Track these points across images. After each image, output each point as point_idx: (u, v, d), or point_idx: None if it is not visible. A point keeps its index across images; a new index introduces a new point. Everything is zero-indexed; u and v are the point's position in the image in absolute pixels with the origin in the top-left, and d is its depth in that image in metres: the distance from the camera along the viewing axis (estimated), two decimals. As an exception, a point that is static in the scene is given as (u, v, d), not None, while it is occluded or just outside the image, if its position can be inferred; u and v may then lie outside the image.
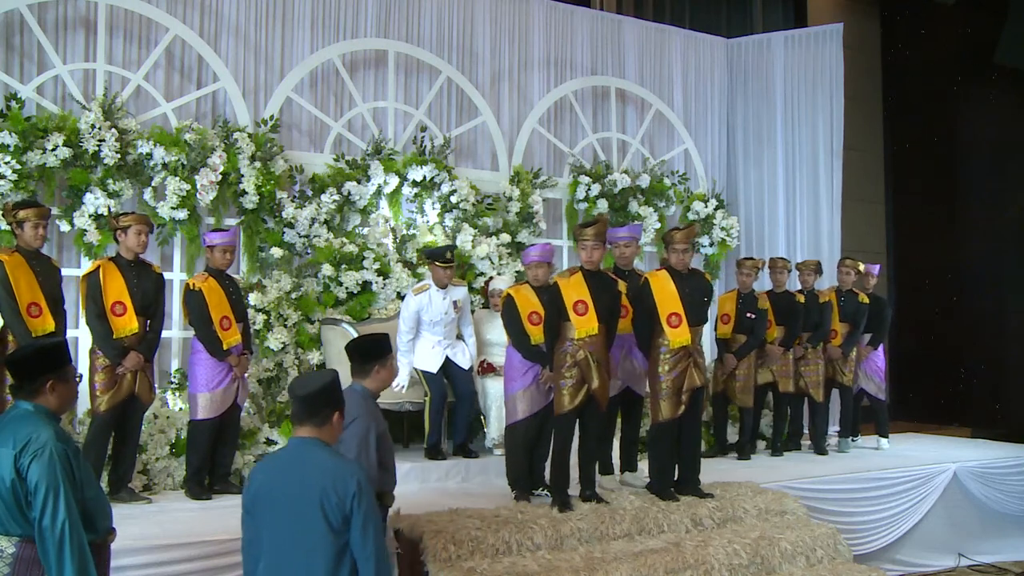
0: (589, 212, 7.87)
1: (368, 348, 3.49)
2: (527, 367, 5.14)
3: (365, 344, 3.52)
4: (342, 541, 2.66)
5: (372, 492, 2.74)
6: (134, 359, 4.99)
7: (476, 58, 7.95)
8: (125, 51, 6.52)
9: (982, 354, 9.29)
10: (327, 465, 2.71)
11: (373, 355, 3.46)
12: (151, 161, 6.03)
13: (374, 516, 2.70)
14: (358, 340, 3.60)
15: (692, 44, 9.10)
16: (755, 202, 9.04)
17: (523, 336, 5.15)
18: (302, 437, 2.78)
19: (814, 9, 10.07)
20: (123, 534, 4.12)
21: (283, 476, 2.74)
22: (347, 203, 6.77)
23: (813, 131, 8.82)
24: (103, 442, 4.98)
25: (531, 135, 8.00)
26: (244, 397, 5.47)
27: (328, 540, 2.64)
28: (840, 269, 7.53)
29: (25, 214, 4.81)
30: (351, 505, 2.64)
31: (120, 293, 4.96)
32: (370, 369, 3.45)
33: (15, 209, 4.84)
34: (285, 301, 6.18)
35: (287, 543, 2.69)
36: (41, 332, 4.75)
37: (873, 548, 6.03)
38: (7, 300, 4.68)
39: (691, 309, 5.23)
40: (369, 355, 3.46)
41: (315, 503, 2.64)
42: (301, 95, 7.02)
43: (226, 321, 5.26)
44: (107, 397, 4.94)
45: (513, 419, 5.18)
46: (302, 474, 2.70)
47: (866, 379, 7.57)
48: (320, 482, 2.66)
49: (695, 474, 5.41)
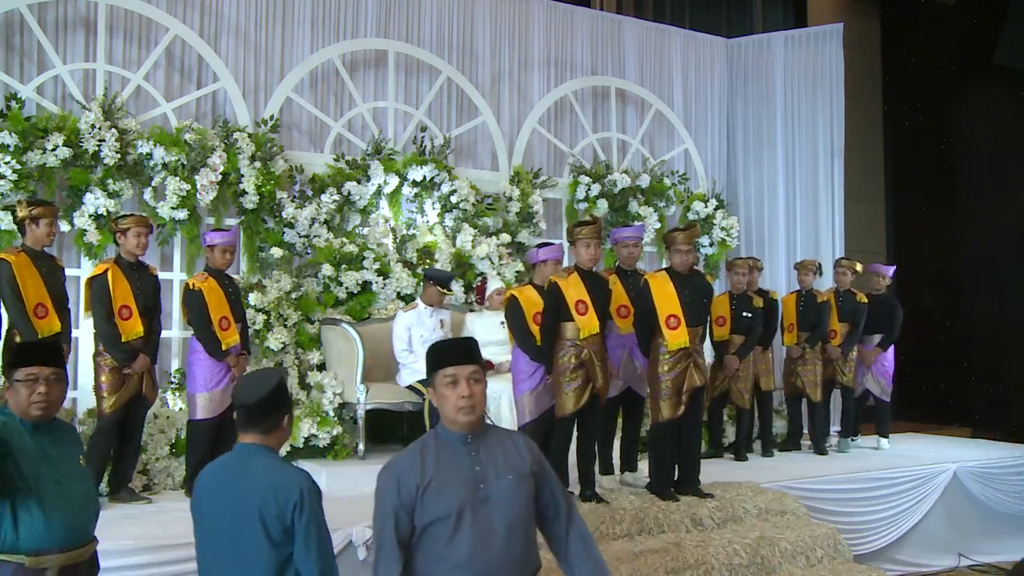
0: (589, 212, 7.86)
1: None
2: (534, 368, 5.11)
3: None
4: (284, 553, 2.51)
5: (317, 501, 2.56)
6: (143, 361, 5.00)
7: (476, 58, 7.95)
8: (125, 51, 6.52)
9: (982, 354, 9.29)
10: (269, 473, 2.56)
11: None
12: (151, 161, 6.02)
13: (317, 527, 2.53)
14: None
15: (692, 44, 9.10)
16: (755, 202, 9.04)
17: (529, 337, 5.13)
18: (247, 443, 2.63)
19: (814, 9, 10.07)
20: (123, 534, 4.14)
21: (224, 484, 2.61)
22: (347, 203, 6.77)
23: (813, 131, 8.83)
24: (108, 444, 4.97)
25: (531, 135, 7.99)
26: (243, 397, 5.45)
27: (266, 552, 2.49)
28: (836, 269, 7.54)
29: (41, 211, 4.82)
30: (292, 516, 2.49)
31: (126, 296, 4.96)
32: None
33: (30, 206, 4.84)
34: (285, 301, 6.18)
35: (224, 554, 2.55)
36: (47, 332, 4.75)
37: (873, 548, 6.03)
38: (14, 300, 4.68)
39: (691, 310, 5.23)
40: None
41: (254, 513, 2.49)
42: (301, 95, 7.02)
43: (225, 321, 5.25)
44: (113, 399, 4.93)
45: (524, 421, 5.15)
46: (243, 482, 2.56)
47: (873, 380, 7.56)
48: (260, 491, 2.51)
49: (695, 474, 5.41)
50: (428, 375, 2.62)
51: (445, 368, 2.55)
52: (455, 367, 2.54)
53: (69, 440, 2.83)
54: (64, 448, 2.76)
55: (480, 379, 2.57)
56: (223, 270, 5.41)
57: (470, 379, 2.54)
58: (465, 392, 2.51)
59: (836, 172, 8.78)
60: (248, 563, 2.51)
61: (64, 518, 2.62)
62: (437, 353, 2.61)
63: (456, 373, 2.53)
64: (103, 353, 4.96)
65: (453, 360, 2.56)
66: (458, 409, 2.53)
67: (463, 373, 2.54)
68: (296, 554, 2.52)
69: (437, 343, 2.65)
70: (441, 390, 2.56)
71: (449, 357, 2.57)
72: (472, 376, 2.55)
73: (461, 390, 2.52)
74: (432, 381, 2.60)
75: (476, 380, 2.55)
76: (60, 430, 2.80)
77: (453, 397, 2.52)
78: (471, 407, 2.53)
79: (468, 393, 2.52)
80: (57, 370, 2.74)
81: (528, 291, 5.29)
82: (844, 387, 7.45)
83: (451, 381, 2.53)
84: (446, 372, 2.54)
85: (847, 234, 8.85)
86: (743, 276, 7.01)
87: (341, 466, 5.65)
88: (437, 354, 2.60)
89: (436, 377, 2.57)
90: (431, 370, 2.60)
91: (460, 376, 2.53)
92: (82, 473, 2.81)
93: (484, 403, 2.61)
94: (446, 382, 2.54)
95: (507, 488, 2.54)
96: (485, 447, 2.59)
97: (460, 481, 2.51)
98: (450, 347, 2.64)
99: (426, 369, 2.65)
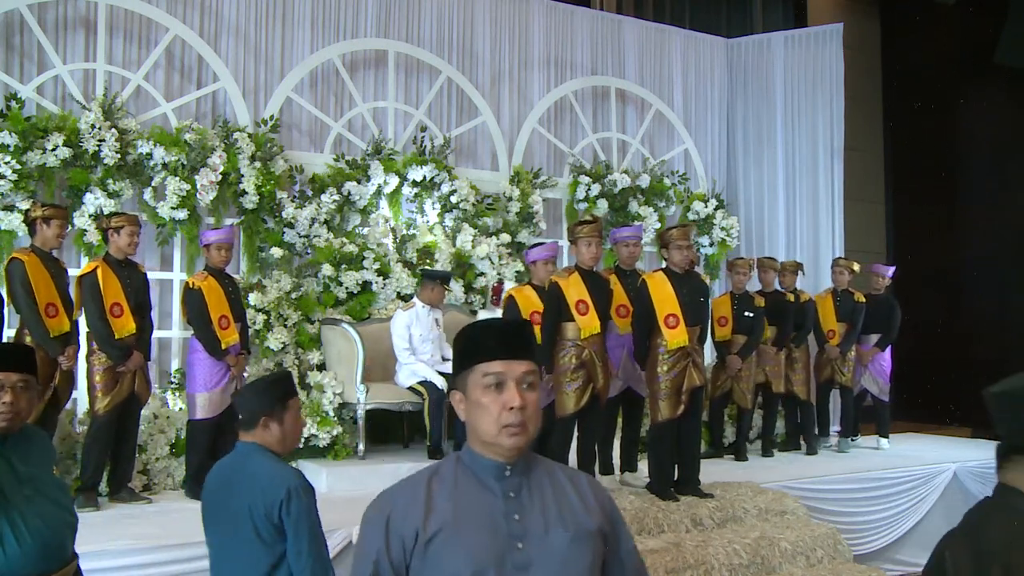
0: (589, 212, 7.87)
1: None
2: None
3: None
4: (277, 552, 2.50)
5: (306, 498, 2.52)
6: (137, 359, 5.00)
7: (476, 58, 7.95)
8: (125, 51, 6.52)
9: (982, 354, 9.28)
10: (260, 472, 2.56)
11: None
12: (151, 161, 6.03)
13: (308, 524, 2.50)
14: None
15: (692, 44, 9.10)
16: (755, 202, 9.04)
17: None
18: (244, 442, 2.67)
19: (814, 9, 10.07)
20: (123, 534, 4.15)
21: (223, 484, 2.64)
22: (347, 203, 6.77)
23: (813, 131, 8.83)
24: (105, 443, 4.96)
25: (531, 135, 7.99)
26: (243, 397, 5.46)
27: (259, 551, 2.50)
28: (834, 269, 7.54)
29: (53, 212, 4.88)
30: (279, 514, 2.48)
31: (117, 294, 4.96)
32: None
33: (44, 207, 4.89)
34: (285, 301, 6.18)
35: (224, 553, 2.61)
36: (58, 332, 4.79)
37: (873, 548, 6.03)
38: (26, 299, 4.70)
39: (689, 309, 5.23)
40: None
41: (246, 512, 2.50)
42: (301, 95, 7.02)
43: (224, 320, 5.25)
44: (108, 398, 4.93)
45: None
46: (238, 482, 2.58)
47: (871, 380, 7.56)
48: (251, 490, 2.53)
49: (695, 474, 5.41)
50: (456, 371, 1.75)
51: (488, 362, 1.67)
52: (504, 362, 1.66)
53: (40, 449, 2.54)
54: (35, 459, 2.48)
55: (536, 384, 1.70)
56: (222, 269, 5.41)
57: (522, 383, 1.67)
58: (517, 402, 1.64)
59: (836, 172, 8.78)
60: (245, 562, 2.52)
61: (39, 538, 2.33)
62: (476, 338, 1.71)
63: (504, 372, 1.66)
64: (96, 352, 4.96)
65: (501, 352, 1.68)
66: (503, 427, 1.65)
67: (514, 373, 1.66)
68: (288, 553, 2.51)
69: (477, 324, 1.76)
70: (477, 395, 1.67)
71: (494, 347, 1.68)
72: (526, 378, 1.67)
73: (510, 397, 1.65)
74: (463, 381, 1.72)
75: (531, 386, 1.68)
76: (29, 439, 2.50)
77: (496, 408, 1.65)
78: (522, 426, 1.65)
79: (520, 403, 1.64)
80: (26, 377, 2.45)
81: (527, 291, 5.32)
82: (843, 387, 7.45)
83: (495, 383, 1.66)
84: (489, 369, 1.66)
85: (847, 234, 8.85)
86: (744, 276, 7.01)
87: (341, 466, 5.65)
88: (475, 340, 1.71)
89: (471, 376, 1.69)
90: (464, 364, 1.71)
91: (509, 376, 1.66)
92: (56, 484, 2.53)
93: (539, 421, 1.71)
94: (486, 384, 1.66)
95: (559, 550, 1.65)
96: (530, 487, 1.71)
97: (486, 533, 1.63)
98: (497, 332, 1.71)
99: (454, 362, 1.77)
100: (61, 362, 4.78)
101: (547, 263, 5.35)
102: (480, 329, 1.73)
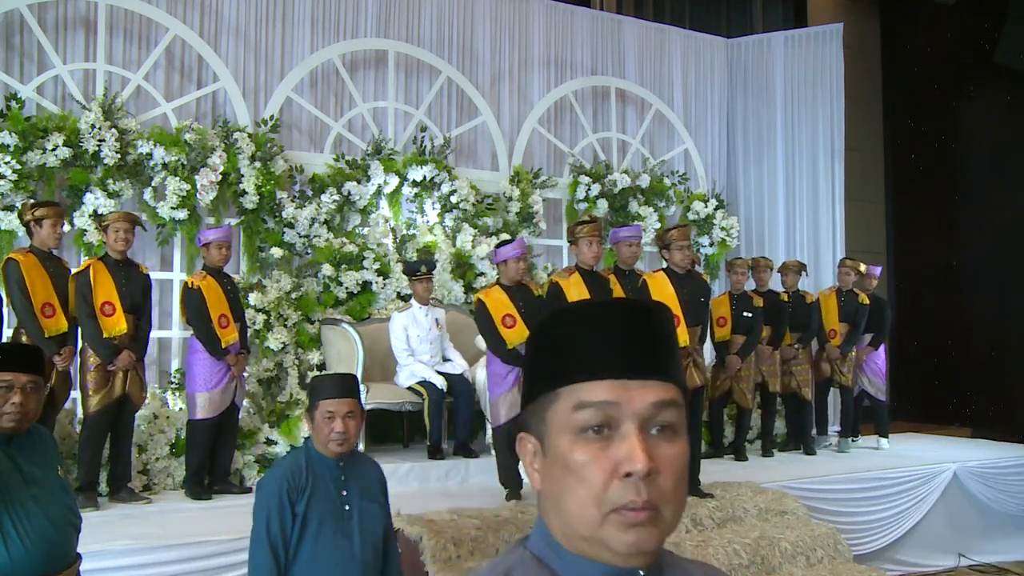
0: (589, 212, 7.87)
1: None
2: (508, 370, 5.07)
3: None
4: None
5: (261, 492, 2.68)
6: (126, 358, 4.95)
7: (476, 58, 7.95)
8: (125, 51, 6.52)
9: (982, 354, 9.29)
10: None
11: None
12: (151, 161, 6.03)
13: (255, 518, 2.66)
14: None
15: (692, 44, 9.10)
16: (755, 202, 9.04)
17: (499, 340, 5.06)
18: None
19: (814, 9, 10.07)
20: (123, 534, 4.14)
21: None
22: (347, 203, 6.77)
23: (813, 131, 8.83)
24: (98, 442, 4.94)
25: (531, 135, 7.99)
26: (242, 396, 5.46)
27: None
28: (840, 269, 7.53)
29: (44, 212, 4.82)
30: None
31: (109, 293, 4.93)
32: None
33: (34, 207, 4.85)
34: (285, 301, 6.18)
35: None
36: (55, 332, 4.77)
37: (873, 548, 6.02)
38: (21, 299, 4.69)
39: (689, 309, 5.23)
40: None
41: None
42: (301, 95, 7.02)
43: (224, 319, 5.25)
44: (99, 397, 4.90)
45: (497, 422, 5.16)
46: None
47: (867, 380, 7.56)
48: None
49: (695, 474, 5.40)
50: (528, 395, 1.19)
51: (588, 382, 1.05)
52: (617, 384, 1.06)
53: (44, 449, 2.54)
54: (40, 459, 2.48)
55: (679, 427, 1.07)
56: (221, 268, 5.40)
57: (651, 424, 1.09)
58: (639, 463, 1.03)
59: (836, 172, 8.78)
60: None
61: (44, 538, 2.34)
62: (568, 335, 1.08)
63: (618, 403, 1.05)
64: (88, 351, 4.95)
65: (613, 365, 1.10)
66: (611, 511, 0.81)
67: (636, 405, 1.00)
68: None
69: (570, 308, 1.21)
70: (563, 446, 1.04)
71: (602, 354, 1.10)
72: (660, 415, 1.03)
73: (628, 453, 1.07)
74: (536, 415, 1.11)
75: (669, 431, 1.07)
76: (34, 439, 2.52)
77: (599, 472, 1.05)
78: (652, 510, 1.06)
79: (646, 465, 1.04)
80: (35, 378, 2.45)
81: (495, 292, 5.19)
82: (843, 387, 7.45)
83: (597, 423, 1.09)
84: (588, 396, 1.06)
85: (847, 234, 8.85)
86: (743, 276, 7.01)
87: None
88: (566, 338, 1.08)
89: (555, 407, 1.09)
90: (541, 384, 1.10)
91: (627, 412, 1.03)
92: (61, 485, 2.53)
93: (684, 498, 1.11)
94: (581, 423, 1.13)
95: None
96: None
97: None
98: (613, 323, 1.06)
99: (525, 381, 1.19)
100: (56, 362, 4.76)
101: (518, 260, 5.28)
102: (576, 314, 0.98)
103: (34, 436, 2.51)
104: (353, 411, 2.71)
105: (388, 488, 2.90)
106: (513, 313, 5.11)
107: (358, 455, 2.90)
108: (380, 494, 2.83)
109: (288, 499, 2.62)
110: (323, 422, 2.69)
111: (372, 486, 2.81)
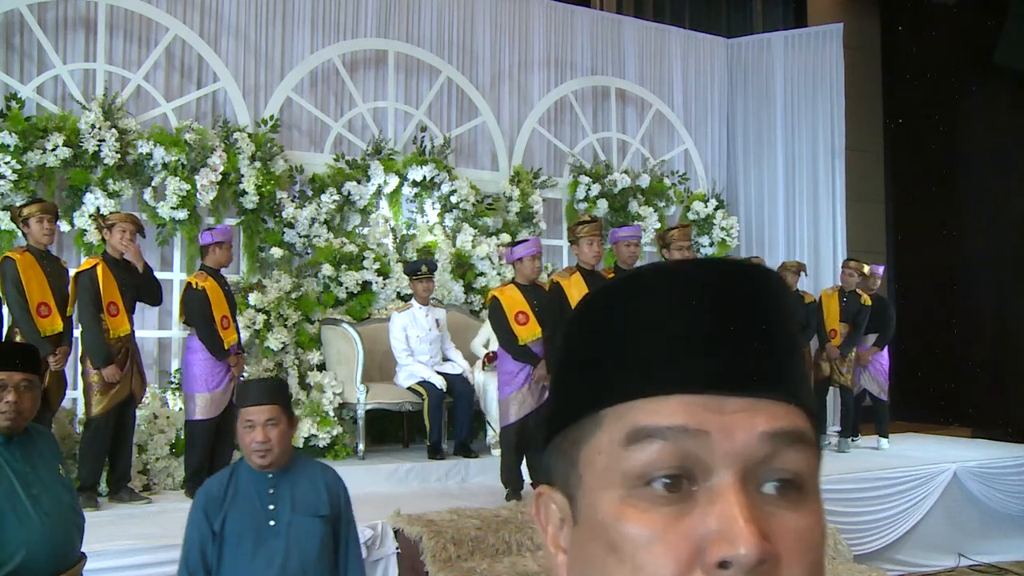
0: (589, 212, 7.86)
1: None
2: (518, 369, 5.09)
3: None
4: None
5: (191, 509, 2.56)
6: (112, 371, 4.84)
7: (476, 58, 7.95)
8: (125, 51, 6.52)
9: (982, 354, 9.29)
10: None
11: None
12: (151, 161, 6.03)
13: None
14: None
15: (692, 44, 9.10)
16: (755, 202, 9.04)
17: (511, 337, 5.10)
18: None
19: (814, 9, 10.07)
20: (123, 534, 4.14)
21: None
22: (347, 203, 6.77)
23: (813, 131, 8.83)
24: (101, 445, 4.92)
25: (531, 135, 7.99)
26: (242, 397, 5.45)
27: None
28: (843, 270, 7.52)
29: (30, 210, 4.80)
30: None
31: (114, 294, 4.93)
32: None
33: (21, 207, 4.85)
34: (285, 301, 6.18)
35: None
36: (50, 332, 4.75)
37: (873, 548, 6.02)
38: (17, 298, 4.68)
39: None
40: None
41: None
42: (301, 95, 7.02)
43: (225, 320, 5.25)
44: (105, 400, 4.86)
45: (506, 422, 5.16)
46: None
47: (870, 380, 7.56)
48: None
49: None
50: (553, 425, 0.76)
51: (654, 398, 0.57)
52: (705, 401, 0.56)
53: (45, 449, 2.51)
54: (39, 459, 2.46)
55: (814, 487, 0.62)
56: (220, 269, 5.39)
57: (754, 474, 0.57)
58: (747, 543, 0.52)
59: (836, 172, 8.78)
60: None
61: (47, 538, 2.32)
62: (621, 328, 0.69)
63: (711, 432, 0.55)
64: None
65: (699, 373, 0.58)
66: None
67: (731, 442, 0.55)
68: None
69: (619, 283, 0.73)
70: (607, 507, 0.58)
71: (686, 354, 0.60)
72: (777, 454, 0.56)
73: (726, 521, 0.54)
74: (566, 456, 0.64)
75: (791, 487, 0.57)
76: (35, 439, 2.49)
77: (665, 556, 0.56)
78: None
79: (759, 552, 0.52)
80: (30, 376, 2.42)
81: (510, 290, 5.23)
82: (843, 387, 7.45)
83: (672, 471, 0.62)
84: (654, 420, 0.58)
85: (847, 234, 8.85)
86: None
87: (341, 466, 5.57)
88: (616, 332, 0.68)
89: (593, 441, 0.62)
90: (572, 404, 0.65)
91: (719, 453, 0.55)
92: (63, 484, 2.50)
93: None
94: (642, 467, 0.63)
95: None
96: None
97: None
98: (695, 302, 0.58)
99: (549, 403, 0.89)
100: (50, 362, 4.71)
101: (533, 259, 5.30)
102: (634, 287, 0.60)
103: (34, 436, 2.49)
104: (275, 418, 2.48)
105: (350, 495, 2.68)
106: (526, 310, 5.12)
107: (304, 465, 2.67)
108: (324, 507, 2.59)
109: (205, 516, 2.47)
110: (243, 432, 2.49)
111: (312, 500, 2.57)
